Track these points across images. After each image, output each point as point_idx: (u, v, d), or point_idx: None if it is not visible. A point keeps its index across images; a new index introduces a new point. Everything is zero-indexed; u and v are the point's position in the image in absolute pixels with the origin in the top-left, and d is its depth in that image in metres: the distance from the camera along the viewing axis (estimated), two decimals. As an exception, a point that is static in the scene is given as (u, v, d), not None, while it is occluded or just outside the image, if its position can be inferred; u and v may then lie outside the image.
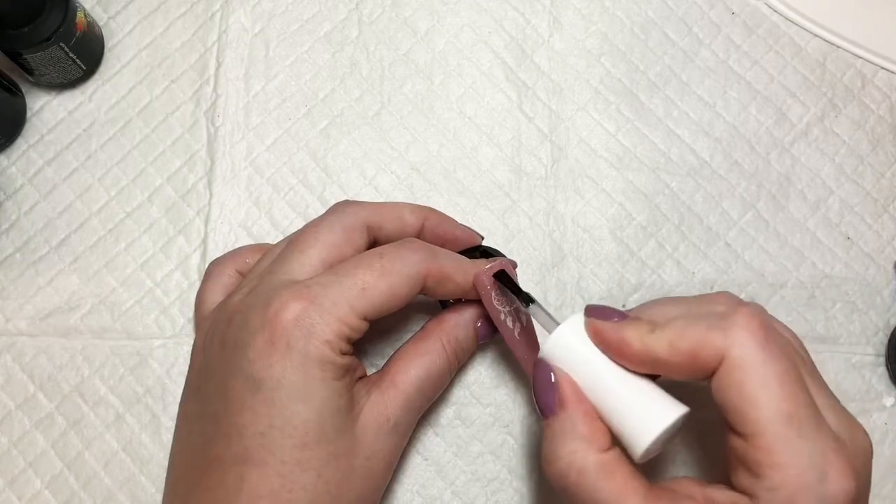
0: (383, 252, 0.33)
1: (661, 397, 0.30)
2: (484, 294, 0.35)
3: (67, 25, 0.40)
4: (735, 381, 0.28)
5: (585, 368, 0.31)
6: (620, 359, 0.31)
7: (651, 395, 0.30)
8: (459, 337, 0.36)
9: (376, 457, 0.33)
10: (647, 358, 0.30)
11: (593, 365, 0.31)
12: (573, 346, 0.31)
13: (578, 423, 0.30)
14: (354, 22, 0.46)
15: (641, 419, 0.29)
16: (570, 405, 0.31)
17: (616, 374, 0.31)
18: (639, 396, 0.30)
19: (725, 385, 0.28)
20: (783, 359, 0.28)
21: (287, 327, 0.31)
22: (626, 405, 0.30)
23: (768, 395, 0.27)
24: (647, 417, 0.29)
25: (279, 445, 0.30)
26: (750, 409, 0.27)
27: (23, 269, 0.42)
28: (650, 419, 0.29)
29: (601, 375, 0.31)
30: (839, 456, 0.27)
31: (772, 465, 0.27)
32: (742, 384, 0.28)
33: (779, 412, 0.27)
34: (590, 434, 0.30)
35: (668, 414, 0.29)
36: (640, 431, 0.29)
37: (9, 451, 0.40)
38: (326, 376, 0.31)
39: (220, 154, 0.44)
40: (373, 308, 0.32)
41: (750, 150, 0.44)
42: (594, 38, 0.46)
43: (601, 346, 0.31)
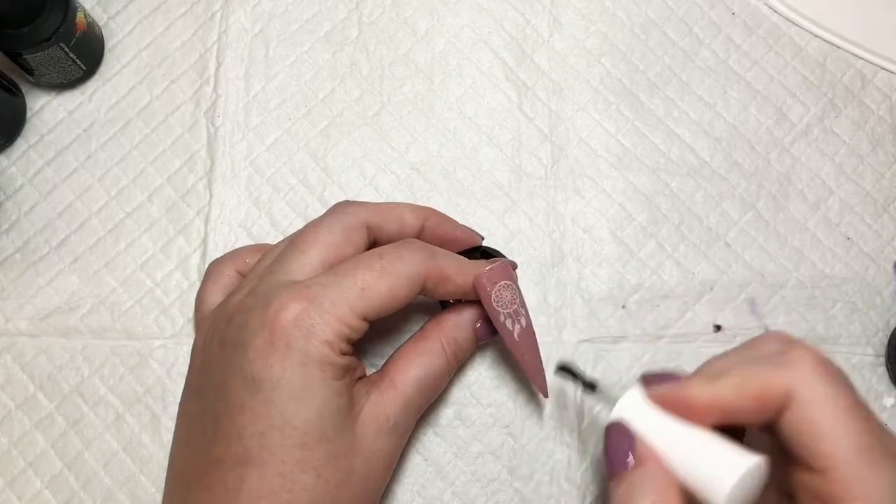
0: (383, 252, 0.33)
1: (733, 448, 0.30)
2: (484, 295, 0.35)
3: (67, 25, 0.40)
4: (806, 418, 0.28)
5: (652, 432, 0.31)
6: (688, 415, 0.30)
7: (723, 447, 0.30)
8: (458, 337, 0.36)
9: (376, 457, 0.33)
10: (715, 407, 0.30)
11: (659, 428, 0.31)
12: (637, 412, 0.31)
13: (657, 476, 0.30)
14: (354, 22, 0.46)
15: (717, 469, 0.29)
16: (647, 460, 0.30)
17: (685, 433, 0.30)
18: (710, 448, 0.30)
19: (796, 422, 0.28)
20: (849, 391, 0.28)
21: (287, 327, 0.31)
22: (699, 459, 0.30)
23: (842, 428, 0.27)
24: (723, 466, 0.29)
25: (279, 445, 0.30)
26: (824, 444, 0.27)
27: (23, 270, 0.42)
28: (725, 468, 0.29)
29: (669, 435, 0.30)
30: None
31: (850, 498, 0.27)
32: (813, 420, 0.28)
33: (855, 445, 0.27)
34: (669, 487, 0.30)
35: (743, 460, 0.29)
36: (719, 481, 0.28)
37: (9, 451, 0.40)
38: (326, 376, 0.31)
39: (220, 154, 0.44)
40: (372, 308, 0.32)
41: (750, 150, 0.44)
42: (594, 38, 0.46)
43: (668, 408, 0.31)
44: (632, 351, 0.41)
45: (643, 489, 0.30)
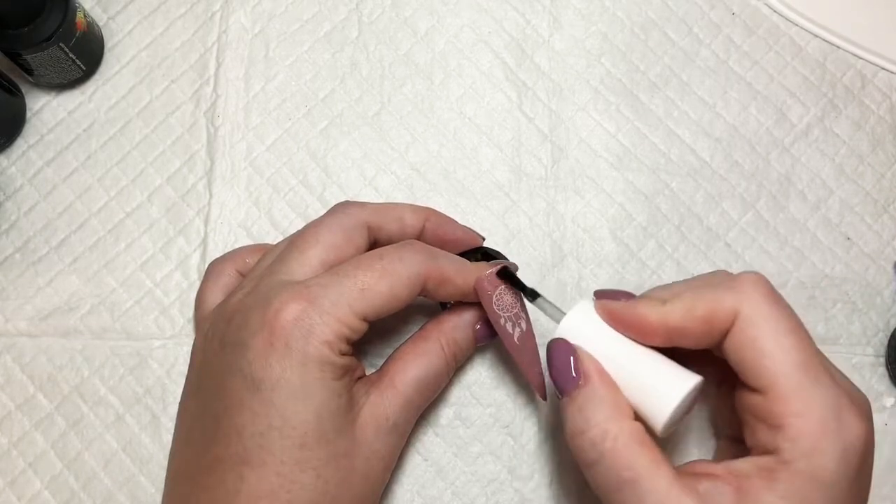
0: (383, 253, 0.33)
1: (676, 368, 0.31)
2: (485, 298, 0.35)
3: (67, 25, 0.40)
4: (749, 337, 0.29)
5: (600, 348, 0.32)
6: (637, 333, 0.31)
7: (667, 367, 0.31)
8: (458, 338, 0.36)
9: (375, 457, 0.33)
10: (664, 328, 0.31)
11: (608, 344, 0.32)
12: (586, 327, 0.32)
13: (605, 393, 0.31)
14: (354, 22, 0.46)
15: (662, 389, 0.30)
16: (596, 377, 0.31)
17: (631, 350, 0.31)
18: (655, 369, 0.31)
19: (739, 342, 0.29)
20: (791, 314, 0.29)
21: (286, 328, 0.31)
22: (644, 378, 0.31)
23: (783, 346, 0.28)
24: (667, 387, 0.30)
25: (278, 445, 0.30)
26: (766, 361, 0.28)
27: (23, 270, 0.42)
28: (670, 388, 0.30)
29: (617, 352, 0.31)
30: (851, 401, 0.28)
31: (792, 414, 0.28)
32: (756, 338, 0.29)
33: (794, 362, 0.28)
34: (619, 403, 0.31)
35: (686, 382, 0.30)
36: (662, 401, 0.30)
37: (9, 452, 0.40)
38: (325, 376, 0.31)
39: (220, 154, 0.44)
40: (372, 309, 0.32)
41: (750, 151, 0.44)
42: (594, 38, 0.46)
43: (617, 325, 0.32)
44: (632, 351, 0.41)
45: (596, 406, 0.30)
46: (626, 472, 0.29)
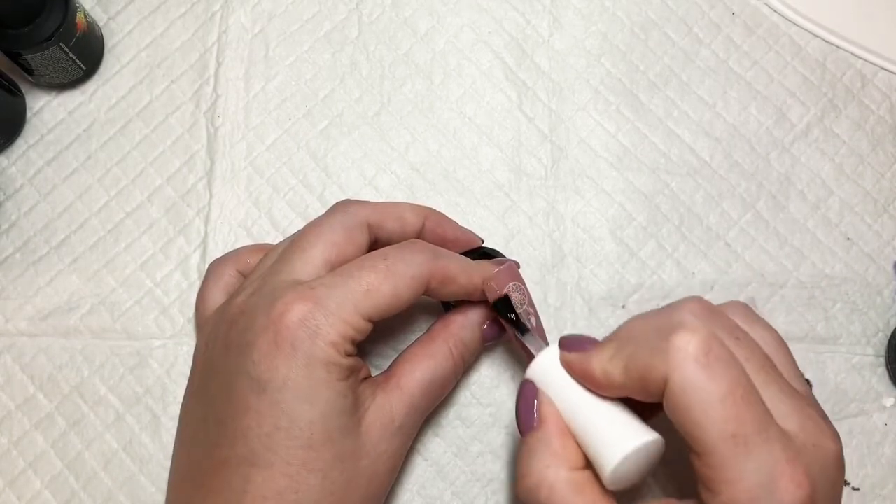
0: (387, 253, 0.33)
1: (632, 423, 0.30)
2: (492, 298, 0.35)
3: (67, 26, 0.40)
4: (679, 405, 0.28)
5: (561, 394, 0.32)
6: (591, 386, 0.31)
7: (622, 421, 0.31)
8: (466, 339, 0.36)
9: (381, 458, 0.33)
10: (609, 384, 0.30)
11: (568, 391, 0.32)
12: (551, 373, 0.32)
13: (553, 440, 0.31)
14: (354, 22, 0.46)
15: (610, 442, 0.30)
16: (546, 423, 0.31)
17: (588, 400, 0.31)
18: (609, 421, 0.31)
19: (671, 407, 0.28)
20: (726, 378, 0.28)
21: (292, 329, 0.31)
22: (596, 429, 0.31)
23: (711, 417, 0.27)
24: (615, 441, 0.30)
25: (284, 447, 0.30)
26: (696, 430, 0.28)
27: (23, 270, 0.42)
28: (617, 442, 0.30)
29: (575, 401, 0.31)
30: (791, 465, 0.27)
31: (722, 482, 0.27)
32: (685, 407, 0.28)
33: (723, 433, 0.27)
34: (562, 451, 0.30)
35: (635, 438, 0.30)
36: (609, 454, 0.29)
37: (9, 452, 0.40)
38: (331, 378, 0.31)
39: (220, 154, 0.44)
40: (377, 309, 0.32)
41: (750, 150, 0.44)
42: (594, 38, 0.46)
43: (574, 376, 0.32)
44: (632, 351, 0.41)
45: (540, 453, 0.31)
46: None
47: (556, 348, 0.32)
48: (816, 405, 0.31)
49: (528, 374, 0.33)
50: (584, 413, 0.31)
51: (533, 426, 0.31)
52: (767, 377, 0.29)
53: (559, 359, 0.32)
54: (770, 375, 0.30)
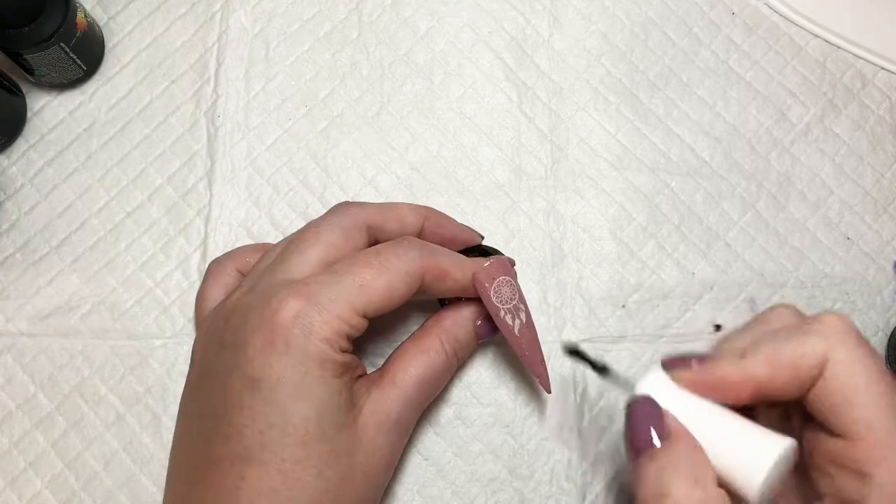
0: (381, 250, 0.33)
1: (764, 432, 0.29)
2: (483, 292, 0.35)
3: (67, 25, 0.40)
4: (840, 384, 0.28)
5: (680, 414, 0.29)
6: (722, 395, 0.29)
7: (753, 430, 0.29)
8: (458, 335, 0.36)
9: (377, 455, 0.33)
10: (750, 384, 0.29)
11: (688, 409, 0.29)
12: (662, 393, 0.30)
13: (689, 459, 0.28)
14: (354, 22, 0.46)
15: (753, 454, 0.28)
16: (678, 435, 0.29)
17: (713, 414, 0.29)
18: (743, 432, 0.29)
19: (830, 388, 0.28)
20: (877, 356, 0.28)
21: (286, 326, 0.31)
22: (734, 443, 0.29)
23: (875, 392, 0.27)
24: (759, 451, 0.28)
25: (279, 444, 0.30)
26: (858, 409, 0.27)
27: (23, 270, 0.42)
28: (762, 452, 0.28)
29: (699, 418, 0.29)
30: None
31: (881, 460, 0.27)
32: (849, 385, 0.28)
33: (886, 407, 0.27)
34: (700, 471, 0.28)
35: (778, 445, 0.28)
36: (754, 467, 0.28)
37: (9, 452, 0.40)
38: (326, 374, 0.31)
39: (220, 154, 0.44)
40: (371, 305, 0.32)
41: (750, 150, 0.44)
42: (594, 38, 0.46)
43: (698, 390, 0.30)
44: (632, 351, 0.41)
45: (678, 467, 0.28)
46: None
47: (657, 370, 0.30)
48: None
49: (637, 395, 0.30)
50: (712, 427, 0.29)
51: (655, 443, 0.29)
52: None
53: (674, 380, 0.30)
54: None
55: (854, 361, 0.28)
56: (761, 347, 0.29)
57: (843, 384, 0.28)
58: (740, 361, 0.29)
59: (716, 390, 0.30)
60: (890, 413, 0.27)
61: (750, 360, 0.29)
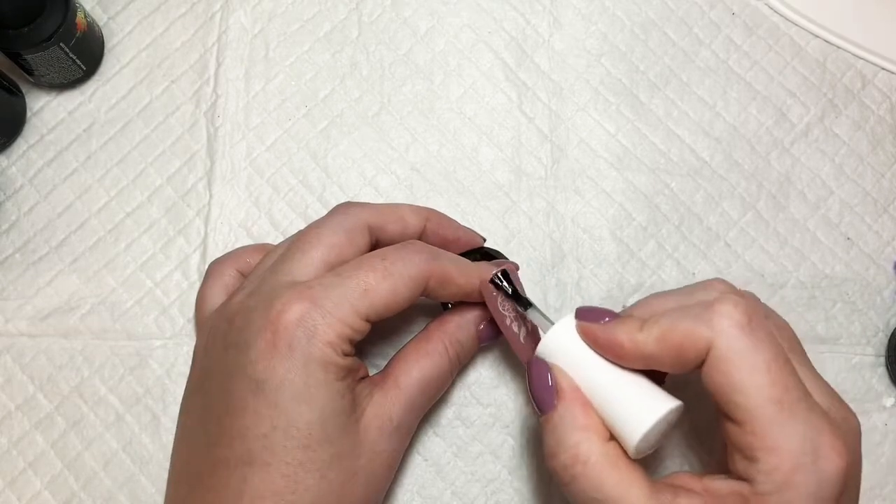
0: (386, 254, 0.33)
1: (653, 391, 0.31)
2: (489, 299, 0.35)
3: (67, 26, 0.40)
4: (723, 371, 0.28)
5: (578, 367, 0.32)
6: (613, 357, 0.31)
7: (643, 390, 0.31)
8: (461, 339, 0.36)
9: (379, 457, 0.33)
10: (638, 354, 0.30)
11: (586, 363, 0.32)
12: (566, 345, 0.32)
13: (578, 415, 0.31)
14: (354, 22, 0.46)
15: (634, 412, 0.30)
16: (569, 397, 0.31)
17: (608, 371, 0.31)
18: (631, 391, 0.31)
19: (714, 374, 0.29)
20: (769, 345, 0.29)
21: (289, 328, 0.31)
22: (618, 400, 0.31)
23: (756, 382, 0.28)
24: (640, 410, 0.30)
25: (282, 447, 0.30)
26: (740, 396, 0.28)
27: (23, 270, 0.42)
28: (643, 411, 0.30)
29: (594, 372, 0.31)
30: (831, 435, 0.28)
31: (766, 449, 0.28)
32: (730, 373, 0.28)
33: (768, 398, 0.28)
34: (591, 425, 0.30)
35: (660, 406, 0.30)
36: (634, 424, 0.30)
37: (9, 452, 0.40)
38: (329, 377, 0.31)
39: (220, 154, 0.44)
40: (375, 309, 0.32)
41: (750, 151, 0.44)
42: (594, 38, 0.46)
43: (593, 347, 0.32)
44: (632, 351, 0.41)
45: (567, 428, 0.30)
46: (596, 494, 0.29)
47: (571, 320, 0.32)
48: None
49: (541, 347, 0.33)
50: (605, 384, 0.31)
51: (553, 403, 0.31)
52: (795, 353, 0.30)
53: (577, 329, 0.32)
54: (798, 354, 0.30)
55: (735, 352, 0.28)
56: (659, 322, 0.30)
57: (724, 372, 0.28)
58: (636, 332, 0.30)
59: (609, 351, 0.31)
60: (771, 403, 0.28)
61: (643, 333, 0.30)
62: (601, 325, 0.31)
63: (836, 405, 0.30)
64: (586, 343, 0.32)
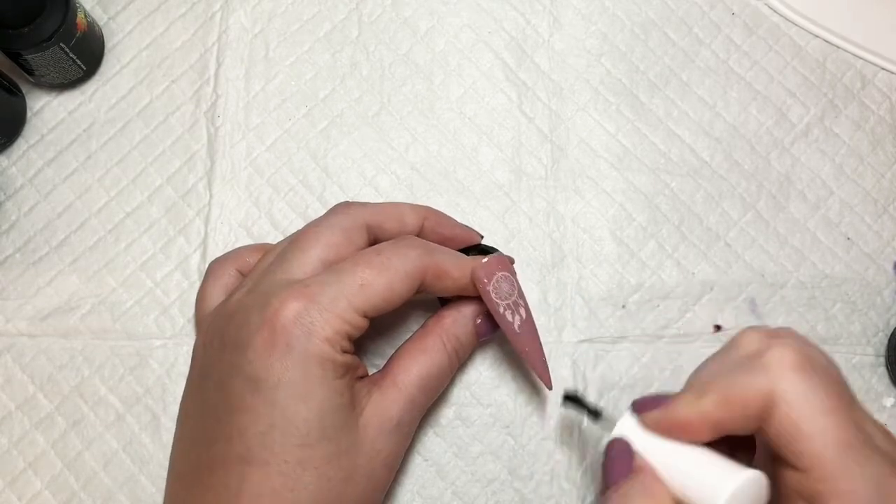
0: (381, 249, 0.33)
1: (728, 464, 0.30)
2: (482, 288, 0.35)
3: (67, 26, 0.40)
4: (786, 418, 0.28)
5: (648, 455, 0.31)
6: (682, 435, 0.31)
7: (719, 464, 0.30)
8: (459, 334, 0.36)
9: (379, 456, 0.33)
10: (705, 423, 0.30)
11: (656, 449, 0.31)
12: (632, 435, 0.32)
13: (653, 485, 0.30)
14: (354, 22, 0.46)
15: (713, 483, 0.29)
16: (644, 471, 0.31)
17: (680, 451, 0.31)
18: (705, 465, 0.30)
19: (777, 423, 0.28)
20: (828, 386, 0.28)
21: (287, 326, 0.31)
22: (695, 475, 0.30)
23: (822, 425, 0.27)
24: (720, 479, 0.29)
25: (280, 445, 0.30)
26: (806, 442, 0.28)
27: (23, 270, 0.42)
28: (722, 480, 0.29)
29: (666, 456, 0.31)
30: None
31: (833, 494, 0.27)
32: (794, 420, 0.28)
33: (835, 442, 0.27)
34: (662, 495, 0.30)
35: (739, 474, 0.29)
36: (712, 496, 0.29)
37: (9, 452, 0.40)
38: (327, 375, 0.31)
39: (220, 154, 0.44)
40: (372, 305, 0.32)
41: (750, 150, 0.44)
42: (594, 38, 0.46)
43: (662, 432, 0.31)
44: (632, 351, 0.41)
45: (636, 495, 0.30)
46: None
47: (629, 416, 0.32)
48: None
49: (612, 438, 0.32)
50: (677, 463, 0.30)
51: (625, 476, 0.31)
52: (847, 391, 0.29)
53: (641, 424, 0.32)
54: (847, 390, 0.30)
55: (798, 396, 0.28)
56: (714, 385, 0.30)
57: (789, 418, 0.28)
58: (695, 402, 0.30)
59: (677, 431, 0.31)
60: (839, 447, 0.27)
61: (704, 400, 0.30)
62: (662, 410, 0.31)
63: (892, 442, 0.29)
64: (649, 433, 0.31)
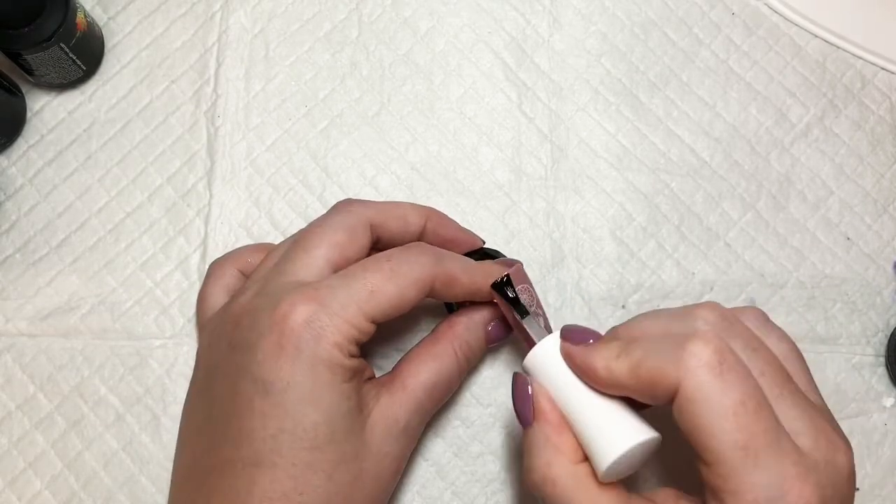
0: (391, 255, 0.33)
1: (629, 420, 0.30)
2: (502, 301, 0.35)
3: (67, 26, 0.40)
4: (689, 412, 0.28)
5: (558, 386, 0.32)
6: (590, 381, 0.31)
7: (619, 417, 0.30)
8: (470, 341, 0.36)
9: (386, 459, 0.33)
10: (612, 383, 0.30)
11: (565, 384, 0.31)
12: (549, 363, 0.32)
13: (551, 435, 0.31)
14: (354, 22, 0.46)
15: (606, 439, 0.30)
16: (543, 417, 0.31)
17: (586, 394, 0.31)
18: (606, 417, 0.31)
19: (682, 414, 0.28)
20: (739, 387, 0.28)
21: (296, 329, 0.31)
22: (593, 424, 0.30)
23: (721, 427, 0.27)
24: (612, 438, 0.30)
25: (289, 448, 0.30)
26: (705, 439, 0.27)
27: (23, 270, 0.42)
28: (614, 440, 0.30)
29: (573, 394, 0.31)
30: (801, 481, 0.27)
31: (728, 492, 0.27)
32: (696, 415, 0.28)
33: (733, 444, 0.27)
34: (562, 446, 0.31)
35: (633, 436, 0.30)
36: (604, 451, 0.29)
37: (9, 452, 0.40)
38: (335, 379, 0.31)
39: (220, 154, 0.44)
40: (381, 310, 0.32)
41: (750, 151, 0.44)
42: (594, 38, 0.46)
43: (575, 370, 0.31)
44: (632, 351, 0.41)
45: (540, 448, 0.31)
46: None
47: (558, 337, 0.32)
48: (829, 416, 0.30)
49: (527, 360, 0.33)
50: (581, 407, 0.31)
51: (530, 420, 0.32)
52: (782, 391, 0.29)
53: (560, 349, 0.32)
54: (785, 389, 0.29)
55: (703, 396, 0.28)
56: (634, 353, 0.29)
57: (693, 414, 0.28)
58: (612, 360, 0.30)
59: (585, 376, 0.31)
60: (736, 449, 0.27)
61: (619, 361, 0.30)
62: (581, 349, 0.31)
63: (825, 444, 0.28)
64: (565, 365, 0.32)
